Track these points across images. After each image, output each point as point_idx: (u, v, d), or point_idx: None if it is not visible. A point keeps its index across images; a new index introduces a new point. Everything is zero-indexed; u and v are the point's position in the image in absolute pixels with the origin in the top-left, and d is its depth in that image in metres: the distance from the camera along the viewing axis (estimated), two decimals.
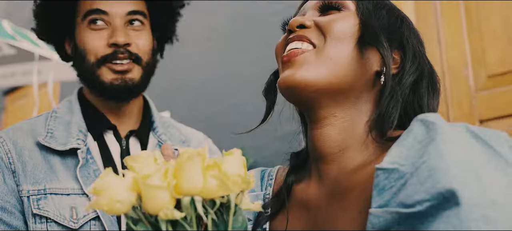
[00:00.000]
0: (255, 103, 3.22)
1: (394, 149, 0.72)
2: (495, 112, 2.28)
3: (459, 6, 2.49)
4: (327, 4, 0.89)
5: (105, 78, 1.32)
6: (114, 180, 0.62)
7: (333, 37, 0.84)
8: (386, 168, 0.70)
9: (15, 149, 1.26)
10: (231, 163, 0.64)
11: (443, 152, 0.65)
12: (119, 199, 0.60)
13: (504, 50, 2.32)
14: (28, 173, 1.23)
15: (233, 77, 3.48)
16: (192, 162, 0.60)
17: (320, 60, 0.83)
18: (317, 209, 0.86)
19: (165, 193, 0.59)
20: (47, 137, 1.29)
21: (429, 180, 0.64)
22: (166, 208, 0.59)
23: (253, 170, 1.04)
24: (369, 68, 0.85)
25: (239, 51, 3.49)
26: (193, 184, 0.60)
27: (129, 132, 1.41)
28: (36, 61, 3.31)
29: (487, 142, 0.68)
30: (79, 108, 1.39)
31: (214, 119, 3.49)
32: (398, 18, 0.91)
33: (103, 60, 1.32)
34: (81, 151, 1.28)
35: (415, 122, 0.74)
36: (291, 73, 0.84)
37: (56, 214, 1.20)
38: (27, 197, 1.21)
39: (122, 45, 1.32)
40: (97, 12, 1.34)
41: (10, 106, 6.47)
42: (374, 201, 0.70)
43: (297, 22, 0.88)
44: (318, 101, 0.85)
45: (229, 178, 0.61)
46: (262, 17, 3.37)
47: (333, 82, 0.83)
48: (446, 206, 0.62)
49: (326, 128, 0.86)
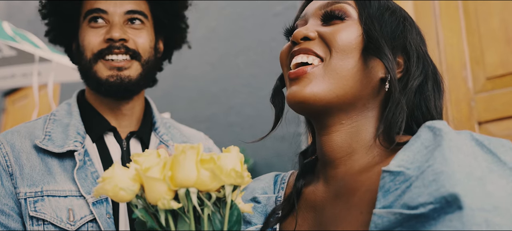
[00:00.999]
0: (255, 104, 3.23)
1: (401, 153, 0.74)
2: (493, 114, 2.29)
3: (458, 8, 2.50)
4: (330, 13, 0.89)
5: (101, 74, 1.34)
6: (120, 171, 0.67)
7: (338, 50, 0.85)
8: (392, 171, 0.72)
9: (13, 152, 1.27)
10: (228, 158, 0.68)
11: (448, 157, 0.67)
12: (122, 186, 0.66)
13: (503, 52, 2.32)
14: (26, 176, 1.24)
15: (233, 78, 3.49)
16: (185, 155, 0.64)
17: (327, 74, 0.85)
18: (322, 209, 0.89)
19: (162, 185, 0.64)
20: (45, 139, 1.29)
21: (434, 184, 0.65)
22: (164, 198, 0.63)
23: (267, 174, 1.07)
24: (374, 76, 0.87)
25: (239, 52, 3.49)
26: (187, 176, 0.64)
27: (129, 133, 1.41)
28: (36, 62, 3.31)
29: (491, 150, 0.70)
30: (78, 110, 1.40)
31: (214, 120, 3.49)
32: (401, 20, 0.91)
33: (99, 54, 1.34)
34: (78, 153, 1.28)
35: (423, 128, 0.76)
36: (300, 89, 0.86)
37: (53, 216, 1.20)
38: (24, 199, 1.21)
39: (118, 40, 1.33)
40: (97, 11, 1.36)
41: (10, 107, 6.47)
42: (379, 202, 0.72)
43: (301, 34, 0.89)
44: (326, 112, 0.87)
45: (223, 171, 0.64)
46: (262, 18, 3.37)
47: (340, 94, 0.85)
48: (448, 210, 0.63)
49: (333, 135, 0.89)
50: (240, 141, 3.19)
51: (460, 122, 2.36)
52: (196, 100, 3.72)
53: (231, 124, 3.35)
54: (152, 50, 1.42)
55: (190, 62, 3.79)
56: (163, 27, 1.49)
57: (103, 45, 1.34)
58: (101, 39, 1.35)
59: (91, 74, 1.35)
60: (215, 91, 3.59)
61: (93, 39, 1.35)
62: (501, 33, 2.34)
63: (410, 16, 0.96)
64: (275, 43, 3.20)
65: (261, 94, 3.21)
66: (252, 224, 0.98)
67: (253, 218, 0.98)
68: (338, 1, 0.90)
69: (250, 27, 3.46)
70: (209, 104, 3.60)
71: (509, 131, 2.22)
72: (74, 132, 1.33)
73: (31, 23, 5.52)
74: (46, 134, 1.31)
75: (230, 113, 3.40)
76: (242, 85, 3.39)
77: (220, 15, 3.73)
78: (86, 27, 1.37)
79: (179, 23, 1.54)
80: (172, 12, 1.50)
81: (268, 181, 1.05)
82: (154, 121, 1.48)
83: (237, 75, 3.46)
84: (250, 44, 3.43)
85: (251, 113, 3.23)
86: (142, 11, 1.41)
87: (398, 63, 0.90)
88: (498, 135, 2.24)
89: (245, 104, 3.31)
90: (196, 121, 3.55)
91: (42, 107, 4.95)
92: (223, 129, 3.38)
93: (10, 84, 3.90)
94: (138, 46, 1.37)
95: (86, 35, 1.36)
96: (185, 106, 3.77)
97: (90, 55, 1.35)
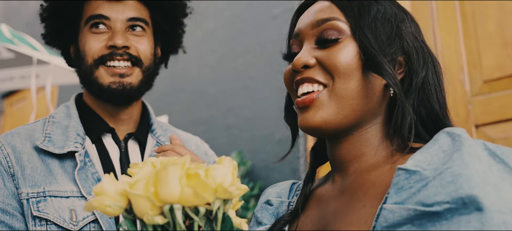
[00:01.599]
0: (253, 107, 3.24)
1: (418, 154, 0.77)
2: (491, 117, 2.30)
3: (455, 11, 2.51)
4: (324, 39, 0.91)
5: (103, 80, 1.34)
6: (110, 185, 0.66)
7: (340, 75, 0.87)
8: (408, 169, 0.75)
9: (14, 153, 1.27)
10: (218, 170, 0.65)
11: (468, 161, 0.70)
12: (107, 203, 0.65)
13: (499, 55, 2.33)
14: (27, 176, 1.25)
15: (230, 81, 3.49)
16: (166, 172, 0.62)
17: (333, 99, 0.88)
18: (327, 205, 0.92)
19: (146, 201, 0.62)
20: (45, 141, 1.30)
21: (452, 184, 0.68)
22: (148, 214, 0.62)
23: (286, 181, 1.11)
24: (378, 86, 0.89)
25: (237, 54, 3.50)
26: (169, 192, 0.62)
27: (127, 134, 1.42)
28: (34, 65, 3.31)
29: (503, 160, 0.73)
30: (76, 112, 1.41)
31: (212, 122, 3.49)
32: (393, 22, 0.92)
33: (100, 60, 1.34)
34: (79, 154, 1.29)
35: (442, 134, 0.79)
36: (310, 116, 0.89)
37: (56, 216, 1.21)
38: (26, 199, 1.22)
39: (121, 47, 1.34)
40: (99, 17, 1.36)
41: (8, 110, 6.47)
42: (391, 198, 0.75)
43: (301, 62, 0.90)
44: (339, 131, 0.91)
45: (206, 188, 0.62)
46: (260, 20, 3.38)
47: (349, 114, 0.88)
48: (463, 212, 0.65)
49: (344, 144, 0.92)
50: (237, 146, 3.19)
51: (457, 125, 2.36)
52: (194, 102, 3.72)
53: (229, 127, 3.36)
54: (152, 57, 1.43)
55: (188, 64, 3.80)
56: (162, 33, 1.50)
57: (105, 51, 1.34)
58: (102, 45, 1.35)
59: (92, 79, 1.35)
60: (213, 94, 3.59)
61: (94, 44, 1.35)
62: (498, 36, 2.35)
63: (397, 4, 0.96)
64: (273, 46, 3.20)
65: (260, 97, 3.21)
66: (262, 224, 1.03)
67: (264, 219, 1.03)
68: (328, 18, 0.91)
69: (248, 29, 3.47)
70: (207, 106, 3.60)
71: (506, 134, 2.23)
72: (74, 133, 1.34)
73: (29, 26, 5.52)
74: (46, 135, 1.32)
75: (228, 116, 3.41)
76: (240, 88, 3.40)
77: (219, 17, 3.74)
78: (87, 32, 1.37)
79: (178, 29, 1.55)
80: (172, 18, 1.51)
81: (284, 188, 1.09)
82: (151, 123, 1.50)
83: (235, 77, 3.46)
84: (248, 46, 3.44)
85: (249, 115, 3.24)
86: (144, 18, 1.42)
87: (399, 64, 0.91)
88: (495, 138, 2.25)
89: (243, 107, 3.32)
90: (194, 123, 3.55)
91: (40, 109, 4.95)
92: (221, 132, 3.39)
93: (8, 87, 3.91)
94: (139, 53, 1.38)
95: (87, 40, 1.36)
96: (183, 109, 3.77)
97: (91, 61, 1.35)
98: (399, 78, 0.90)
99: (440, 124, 0.92)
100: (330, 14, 0.91)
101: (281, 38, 3.18)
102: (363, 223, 0.79)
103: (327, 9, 0.93)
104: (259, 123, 3.12)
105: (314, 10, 0.95)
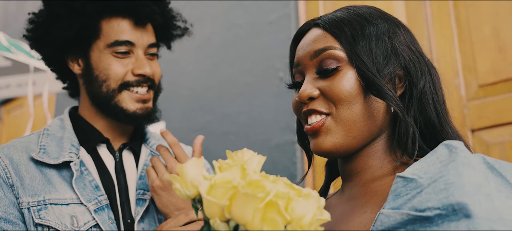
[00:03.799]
0: (250, 113, 3.24)
1: (417, 164, 0.81)
2: (486, 122, 2.31)
3: (450, 15, 2.52)
4: (323, 70, 0.94)
5: (127, 106, 1.37)
6: (190, 171, 0.69)
7: (342, 102, 0.91)
8: (406, 177, 0.79)
9: (12, 164, 1.29)
10: (299, 205, 0.62)
11: (461, 171, 0.73)
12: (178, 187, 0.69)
13: (494, 59, 2.34)
14: (27, 186, 1.26)
15: (227, 87, 3.50)
16: (246, 199, 0.60)
17: (339, 125, 0.92)
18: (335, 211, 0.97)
19: (217, 208, 0.64)
20: (40, 152, 1.32)
21: (444, 192, 0.71)
22: (214, 219, 0.64)
23: None
24: (380, 105, 0.92)
25: (233, 60, 3.51)
26: (241, 216, 0.62)
27: (122, 144, 1.45)
28: (31, 72, 3.31)
29: (501, 173, 0.75)
30: (70, 124, 1.43)
31: (209, 128, 3.49)
32: (387, 40, 0.94)
33: (125, 85, 1.37)
34: (74, 164, 1.31)
35: (440, 146, 0.82)
36: (321, 142, 0.93)
37: (58, 223, 1.24)
38: (27, 208, 1.24)
39: (148, 76, 1.39)
40: (126, 44, 1.39)
41: (5, 117, 6.47)
42: (388, 204, 0.78)
43: (305, 95, 0.95)
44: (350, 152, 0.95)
45: (280, 221, 0.60)
46: (257, 26, 3.39)
47: (357, 135, 0.92)
48: (453, 218, 0.68)
49: (352, 158, 0.96)
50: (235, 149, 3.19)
51: None
52: (191, 108, 3.73)
53: (226, 133, 3.36)
54: None
55: (185, 70, 3.81)
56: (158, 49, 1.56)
57: (131, 77, 1.38)
58: (127, 70, 1.38)
59: (113, 102, 1.38)
60: (210, 100, 3.59)
61: (119, 69, 1.37)
62: (493, 41, 2.36)
63: (388, 17, 0.98)
64: (270, 51, 3.21)
65: (256, 103, 3.22)
66: None
67: None
68: (324, 48, 0.94)
69: (245, 35, 3.48)
70: (204, 112, 3.60)
71: (502, 139, 2.24)
72: (68, 144, 1.36)
73: None
74: (41, 147, 1.34)
75: (225, 122, 3.41)
76: (237, 94, 3.40)
77: (215, 23, 3.74)
78: (109, 55, 1.38)
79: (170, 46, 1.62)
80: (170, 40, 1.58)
81: None
82: (145, 132, 1.53)
83: (232, 83, 3.47)
84: (244, 52, 3.44)
85: (246, 121, 3.24)
86: (157, 42, 1.48)
87: (399, 78, 0.94)
88: (490, 142, 2.26)
89: (240, 113, 3.32)
90: (191, 129, 3.55)
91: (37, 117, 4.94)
92: (218, 138, 3.39)
93: (5, 94, 3.90)
94: (155, 77, 1.43)
95: (111, 64, 1.38)
96: (180, 115, 3.77)
97: (115, 85, 1.37)
98: (400, 93, 0.93)
99: (438, 133, 0.94)
100: (326, 43, 0.94)
101: (277, 43, 3.19)
102: (363, 227, 0.84)
103: (321, 38, 0.95)
104: (255, 129, 3.12)
105: (309, 39, 0.97)
